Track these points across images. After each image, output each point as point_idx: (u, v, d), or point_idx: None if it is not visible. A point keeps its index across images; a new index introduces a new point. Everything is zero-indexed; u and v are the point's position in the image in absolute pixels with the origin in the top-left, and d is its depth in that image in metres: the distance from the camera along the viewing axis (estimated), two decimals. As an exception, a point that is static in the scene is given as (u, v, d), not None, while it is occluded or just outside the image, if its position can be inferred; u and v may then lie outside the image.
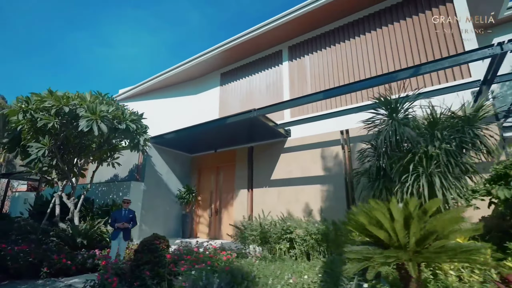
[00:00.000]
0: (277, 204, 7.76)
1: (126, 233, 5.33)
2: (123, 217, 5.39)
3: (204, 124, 7.52)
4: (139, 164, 9.06)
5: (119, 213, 5.46)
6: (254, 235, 5.68)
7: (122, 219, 5.33)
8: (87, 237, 5.86)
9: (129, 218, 5.45)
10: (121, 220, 5.31)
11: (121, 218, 5.35)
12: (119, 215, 5.40)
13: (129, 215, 5.48)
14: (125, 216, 5.42)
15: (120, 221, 5.29)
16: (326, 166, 7.14)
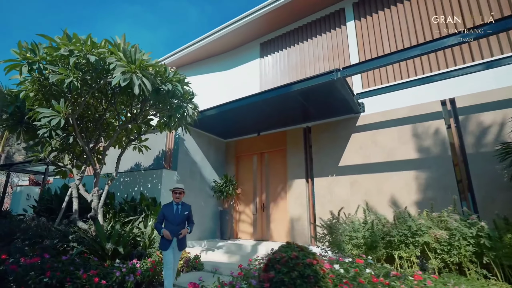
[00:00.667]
0: (350, 196, 6.11)
1: (181, 240, 3.71)
2: (177, 215, 3.71)
3: (256, 96, 5.85)
4: (168, 150, 7.39)
5: (169, 209, 3.76)
6: (357, 238, 4.02)
7: (175, 219, 3.68)
8: (121, 242, 4.19)
9: (184, 217, 3.79)
10: (174, 220, 3.66)
11: (173, 217, 3.69)
12: (169, 213, 3.72)
13: (184, 212, 3.79)
14: (180, 215, 3.74)
15: (173, 221, 3.65)
16: (422, 147, 5.49)
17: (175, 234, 3.62)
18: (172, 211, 3.73)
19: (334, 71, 4.85)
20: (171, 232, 3.57)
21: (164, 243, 3.60)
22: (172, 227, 3.61)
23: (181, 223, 3.68)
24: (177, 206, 3.79)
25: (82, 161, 5.40)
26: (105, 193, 5.01)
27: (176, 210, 3.75)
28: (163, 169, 6.36)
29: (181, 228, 3.68)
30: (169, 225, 3.63)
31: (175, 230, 3.63)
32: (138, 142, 6.16)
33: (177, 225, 3.64)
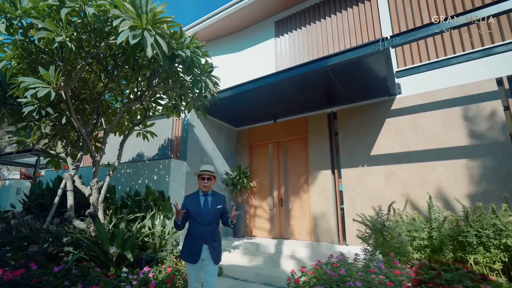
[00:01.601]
0: (385, 189, 5.38)
1: (215, 248, 2.58)
2: (205, 211, 2.61)
3: (278, 74, 5.04)
4: (174, 138, 6.56)
5: (193, 202, 2.66)
6: (421, 239, 3.27)
7: (203, 216, 2.57)
8: (128, 245, 3.40)
9: (217, 212, 2.66)
10: (202, 218, 2.56)
11: (200, 214, 2.59)
12: (195, 208, 2.62)
13: (216, 205, 2.68)
14: (210, 210, 2.63)
15: (200, 219, 2.55)
16: (473, 132, 4.76)
17: (205, 238, 2.52)
18: (198, 205, 2.62)
19: (380, 40, 4.07)
20: (198, 235, 2.52)
21: (189, 251, 2.51)
22: (200, 229, 2.53)
23: (212, 222, 2.60)
24: (205, 198, 2.67)
25: (78, 147, 4.55)
26: (106, 185, 4.19)
27: (205, 203, 2.64)
28: (171, 158, 5.53)
29: (212, 230, 2.58)
30: (195, 226, 2.57)
31: (204, 233, 2.53)
32: (142, 128, 5.32)
33: (206, 225, 2.55)
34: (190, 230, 2.63)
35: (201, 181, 2.71)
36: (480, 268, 3.04)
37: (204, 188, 2.69)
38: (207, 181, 2.70)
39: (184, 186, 5.69)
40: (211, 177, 2.73)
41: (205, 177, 2.71)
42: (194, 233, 2.57)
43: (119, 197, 5.58)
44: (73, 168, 4.15)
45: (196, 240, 2.55)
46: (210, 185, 2.72)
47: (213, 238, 2.59)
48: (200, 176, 2.74)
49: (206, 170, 2.74)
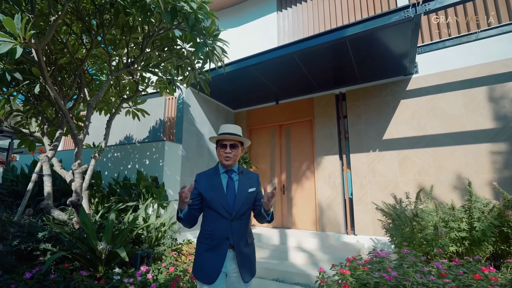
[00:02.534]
0: (398, 176, 5.03)
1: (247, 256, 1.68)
2: (231, 196, 1.69)
3: (287, 47, 4.47)
4: (167, 119, 5.91)
5: (213, 182, 1.73)
6: (459, 230, 2.90)
7: (229, 205, 1.66)
8: (120, 240, 2.84)
9: (248, 198, 1.72)
10: (227, 209, 1.65)
11: (224, 201, 1.66)
12: (214, 192, 1.69)
13: (247, 187, 1.75)
14: (239, 194, 1.71)
15: (223, 209, 1.64)
16: (498, 114, 4.42)
17: (232, 241, 1.63)
18: (219, 187, 1.70)
19: (411, 5, 3.56)
20: (221, 236, 1.63)
21: (203, 263, 1.62)
22: (223, 226, 1.64)
23: (242, 214, 1.69)
24: (229, 177, 1.76)
25: (56, 125, 3.85)
26: (91, 169, 3.56)
27: (230, 185, 1.72)
28: (165, 141, 4.91)
29: (242, 227, 1.69)
30: (215, 221, 1.67)
31: (231, 232, 1.64)
32: (132, 105, 4.65)
33: (233, 220, 1.65)
34: (207, 228, 1.68)
35: (221, 150, 1.76)
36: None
37: (226, 161, 1.73)
38: (231, 149, 1.73)
39: (179, 172, 5.11)
40: (237, 144, 1.77)
41: (227, 144, 1.73)
42: (213, 233, 1.64)
43: (106, 184, 4.95)
44: (51, 148, 3.48)
45: (217, 245, 1.61)
46: (236, 157, 1.78)
47: (244, 240, 1.69)
48: (219, 142, 1.79)
49: (229, 133, 1.75)
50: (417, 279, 1.76)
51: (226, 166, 1.79)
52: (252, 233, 1.87)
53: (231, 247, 1.65)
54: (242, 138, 1.81)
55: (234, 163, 1.79)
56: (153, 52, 3.77)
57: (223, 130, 1.83)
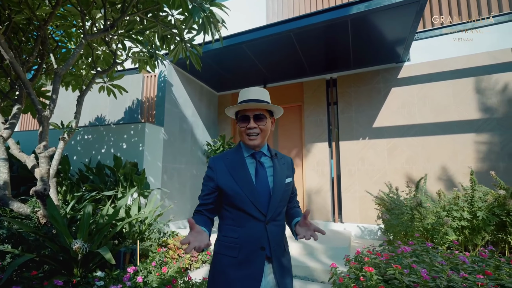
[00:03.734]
0: (387, 164, 5.05)
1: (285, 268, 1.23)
2: (264, 188, 1.21)
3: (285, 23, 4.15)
4: (145, 99, 5.33)
5: (237, 169, 1.23)
6: (461, 219, 2.89)
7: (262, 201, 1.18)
8: (99, 237, 2.41)
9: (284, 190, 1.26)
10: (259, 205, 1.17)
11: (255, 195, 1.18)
12: (240, 180, 1.20)
13: (283, 175, 1.28)
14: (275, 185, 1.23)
15: (254, 209, 1.17)
16: (484, 105, 4.54)
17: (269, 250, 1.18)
18: (246, 177, 1.22)
19: None
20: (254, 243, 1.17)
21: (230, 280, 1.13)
22: (256, 229, 1.18)
23: (279, 213, 1.24)
24: (257, 162, 1.26)
25: (12, 98, 3.17)
26: (59, 153, 3.00)
27: (261, 173, 1.24)
28: (145, 123, 4.38)
29: (279, 230, 1.24)
30: (243, 224, 1.19)
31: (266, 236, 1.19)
32: (107, 80, 4.04)
33: (268, 222, 1.19)
34: (230, 234, 1.21)
35: (241, 125, 1.27)
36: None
37: (251, 141, 1.24)
38: (256, 122, 1.24)
39: (161, 158, 4.64)
40: (263, 115, 1.26)
41: (250, 116, 1.24)
42: (242, 241, 1.18)
43: (75, 170, 4.34)
44: (6, 127, 2.84)
45: (248, 258, 1.16)
46: (265, 133, 1.28)
47: (282, 248, 1.25)
48: (240, 113, 1.28)
49: (252, 100, 1.25)
50: (455, 276, 1.62)
51: (253, 147, 1.27)
52: (287, 238, 1.35)
53: (268, 259, 1.19)
54: (271, 105, 1.27)
55: (262, 142, 1.28)
56: (134, 16, 3.21)
57: (243, 96, 1.29)
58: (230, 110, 1.32)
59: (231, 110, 1.32)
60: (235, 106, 1.27)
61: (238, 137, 6.24)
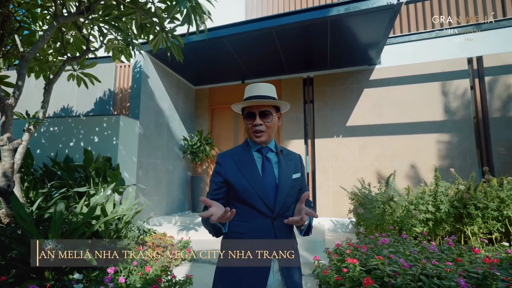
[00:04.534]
0: (358, 161, 5.35)
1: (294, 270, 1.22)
2: (271, 184, 1.21)
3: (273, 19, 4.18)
4: (118, 90, 5.04)
5: (245, 164, 1.24)
6: (426, 212, 3.18)
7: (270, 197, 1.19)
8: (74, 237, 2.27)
9: (293, 187, 1.26)
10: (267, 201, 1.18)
11: (264, 190, 1.19)
12: (246, 178, 1.21)
13: (291, 171, 1.28)
14: (282, 181, 1.22)
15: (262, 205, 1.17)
16: (444, 108, 4.99)
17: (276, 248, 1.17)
18: (254, 172, 1.23)
19: None
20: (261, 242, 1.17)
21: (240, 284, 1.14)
22: (264, 225, 1.19)
23: (287, 208, 1.23)
24: (263, 157, 1.27)
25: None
26: (24, 145, 2.74)
27: (268, 168, 1.25)
28: (120, 115, 4.15)
29: (287, 226, 1.23)
30: (251, 220, 1.20)
31: (273, 232, 1.19)
32: (78, 68, 3.75)
33: (275, 218, 1.19)
34: (237, 230, 1.20)
35: (248, 122, 1.27)
36: (475, 239, 3.14)
37: (257, 137, 1.25)
38: (262, 119, 1.24)
39: (136, 152, 4.44)
40: (269, 112, 1.25)
41: (256, 112, 1.24)
42: (250, 235, 1.18)
43: (39, 165, 3.98)
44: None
45: (256, 257, 1.15)
46: (271, 130, 1.27)
47: (290, 245, 1.24)
48: (246, 110, 1.28)
49: (258, 96, 1.25)
50: (429, 264, 1.79)
51: (259, 143, 1.28)
52: (295, 234, 1.35)
53: (276, 256, 1.19)
54: (277, 101, 1.25)
55: (269, 138, 1.28)
56: (111, 0, 3.01)
57: (249, 92, 1.28)
58: (237, 106, 1.32)
59: (237, 106, 1.31)
60: (241, 103, 1.28)
61: (213, 134, 6.08)
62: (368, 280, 1.72)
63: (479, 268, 1.90)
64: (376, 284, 1.79)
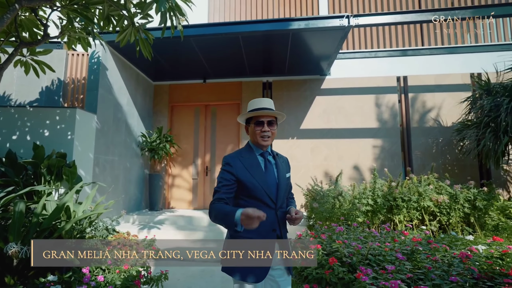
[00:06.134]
0: (310, 161, 5.98)
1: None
2: (273, 181, 1.55)
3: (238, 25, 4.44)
4: (69, 81, 4.64)
5: (252, 165, 1.54)
6: (366, 204, 3.83)
7: (273, 191, 1.52)
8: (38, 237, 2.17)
9: (287, 184, 1.64)
10: (272, 195, 1.50)
11: (268, 186, 1.51)
12: (256, 175, 1.51)
13: (285, 171, 1.64)
14: (280, 178, 1.58)
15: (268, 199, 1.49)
16: (379, 118, 5.94)
17: (280, 230, 1.53)
18: (260, 172, 1.53)
19: (345, 16, 4.21)
20: (268, 227, 1.49)
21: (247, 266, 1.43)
22: (270, 215, 1.48)
23: (283, 202, 1.58)
24: (265, 159, 1.60)
25: None
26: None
27: (269, 168, 1.58)
28: (76, 108, 3.87)
29: (284, 215, 1.58)
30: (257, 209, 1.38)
31: (277, 221, 1.52)
32: (28, 54, 3.39)
33: (278, 209, 1.53)
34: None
35: (257, 128, 1.56)
36: (401, 225, 3.93)
37: (265, 141, 1.57)
38: (269, 127, 1.56)
39: (93, 148, 4.19)
40: (274, 121, 1.60)
41: (264, 121, 1.56)
42: (261, 226, 1.33)
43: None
44: None
45: (264, 237, 1.47)
46: (273, 136, 1.61)
47: (286, 229, 1.60)
48: (253, 119, 1.59)
49: (266, 108, 1.57)
50: (374, 246, 2.30)
51: (263, 147, 1.60)
52: None
53: (278, 238, 1.52)
54: (279, 112, 1.61)
55: (271, 143, 1.63)
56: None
57: (255, 105, 1.60)
58: (243, 116, 1.64)
59: (244, 117, 1.65)
60: (252, 113, 1.58)
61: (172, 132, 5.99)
62: (333, 259, 2.14)
63: (408, 246, 2.50)
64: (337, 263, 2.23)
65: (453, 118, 5.61)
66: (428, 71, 5.90)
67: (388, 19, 4.38)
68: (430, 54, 5.92)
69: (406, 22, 4.43)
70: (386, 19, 4.38)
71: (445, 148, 5.65)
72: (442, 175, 5.08)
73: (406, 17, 4.32)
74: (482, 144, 4.13)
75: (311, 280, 2.29)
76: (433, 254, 2.31)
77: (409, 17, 4.32)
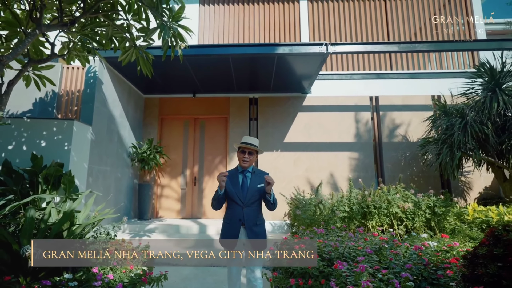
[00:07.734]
0: (292, 172, 6.42)
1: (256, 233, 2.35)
2: (244, 191, 2.38)
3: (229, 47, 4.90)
4: (64, 93, 4.82)
5: (232, 179, 2.42)
6: (344, 211, 4.29)
7: (242, 196, 2.35)
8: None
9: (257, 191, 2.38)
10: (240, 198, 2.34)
11: (239, 192, 2.36)
12: (232, 186, 2.38)
13: (257, 183, 2.40)
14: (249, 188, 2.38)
15: (238, 199, 2.34)
16: (354, 133, 6.55)
17: (244, 221, 2.31)
18: (236, 183, 2.39)
19: (324, 44, 4.79)
20: (236, 218, 2.34)
21: (227, 235, 2.37)
22: (238, 211, 2.34)
23: (252, 203, 2.36)
24: (243, 176, 2.43)
25: None
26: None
27: (244, 181, 2.41)
28: (74, 120, 4.07)
29: (252, 212, 2.35)
30: (233, 208, 2.38)
31: (243, 216, 2.32)
32: (31, 69, 3.60)
33: (245, 207, 2.34)
34: (228, 212, 2.44)
35: (241, 155, 2.45)
36: (374, 230, 4.42)
37: (244, 164, 2.43)
38: (248, 156, 2.42)
39: (87, 159, 4.36)
40: (253, 152, 2.45)
41: (246, 151, 2.42)
42: (232, 215, 2.39)
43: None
44: None
45: (234, 224, 2.36)
46: (251, 161, 2.46)
47: (253, 221, 2.36)
48: (240, 149, 2.47)
49: (249, 143, 2.42)
50: (349, 244, 2.73)
51: (243, 167, 2.46)
52: (262, 218, 2.54)
53: (243, 225, 2.35)
54: (258, 148, 2.48)
55: (249, 165, 2.47)
56: (95, 16, 3.17)
57: (245, 140, 2.48)
58: (237, 146, 2.50)
59: (237, 146, 2.50)
60: (241, 145, 2.44)
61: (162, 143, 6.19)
62: (315, 255, 2.52)
63: (377, 244, 2.95)
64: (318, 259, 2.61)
65: (418, 135, 6.33)
66: (396, 92, 6.64)
67: (360, 48, 5.03)
68: (397, 78, 6.68)
69: (376, 52, 5.10)
70: (359, 48, 5.02)
71: (411, 161, 6.33)
72: (409, 185, 5.70)
73: (375, 47, 4.98)
74: (440, 158, 4.77)
75: (296, 275, 2.65)
76: (395, 249, 2.77)
77: (378, 47, 4.99)
